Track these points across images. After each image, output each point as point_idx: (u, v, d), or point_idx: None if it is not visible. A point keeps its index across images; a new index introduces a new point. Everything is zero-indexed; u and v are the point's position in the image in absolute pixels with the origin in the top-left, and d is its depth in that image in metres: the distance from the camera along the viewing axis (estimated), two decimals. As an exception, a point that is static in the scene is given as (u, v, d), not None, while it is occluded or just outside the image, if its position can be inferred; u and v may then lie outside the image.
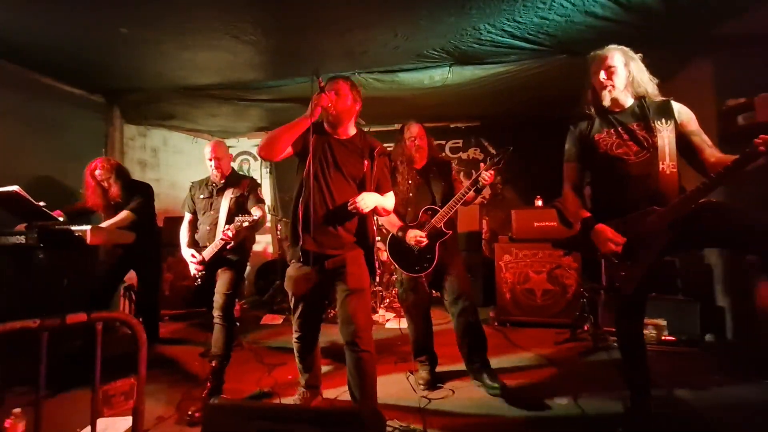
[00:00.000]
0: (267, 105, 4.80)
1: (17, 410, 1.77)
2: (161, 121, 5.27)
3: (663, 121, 1.78)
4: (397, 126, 5.96)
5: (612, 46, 1.89)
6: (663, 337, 3.23)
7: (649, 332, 3.24)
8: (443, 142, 5.84)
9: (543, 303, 3.87)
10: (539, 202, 4.25)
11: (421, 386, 2.53)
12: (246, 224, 2.35)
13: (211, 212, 2.60)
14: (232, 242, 2.43)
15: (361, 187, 2.00)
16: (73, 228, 2.63)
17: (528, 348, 3.18)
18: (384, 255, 4.92)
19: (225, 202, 2.55)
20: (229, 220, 2.47)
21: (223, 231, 2.41)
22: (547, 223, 3.98)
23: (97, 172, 3.05)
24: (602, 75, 1.85)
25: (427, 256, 2.46)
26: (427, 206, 2.52)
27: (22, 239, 2.57)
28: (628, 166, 1.81)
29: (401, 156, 2.61)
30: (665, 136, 1.76)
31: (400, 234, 2.50)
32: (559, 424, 2.11)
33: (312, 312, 2.13)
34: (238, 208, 2.56)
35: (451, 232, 2.48)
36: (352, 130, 2.08)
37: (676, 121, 1.79)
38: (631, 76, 1.84)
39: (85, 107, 4.41)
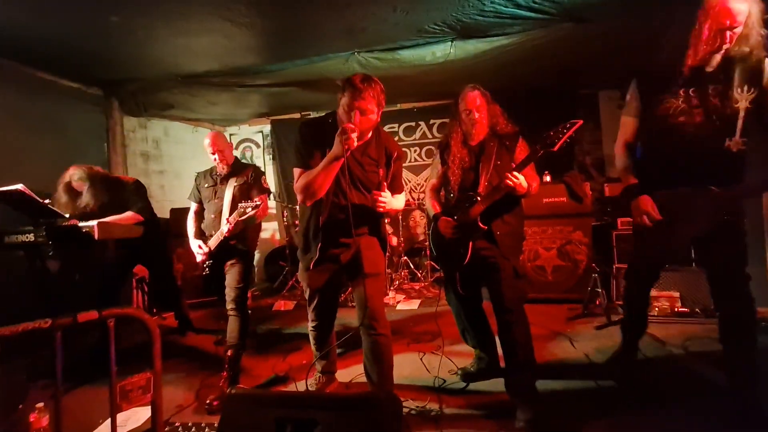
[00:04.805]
0: (267, 90, 4.71)
1: (40, 405, 1.80)
2: (161, 112, 5.22)
3: (745, 88, 1.49)
4: (400, 106, 5.94)
5: None
6: (676, 309, 3.21)
7: (662, 304, 3.23)
8: (447, 120, 5.72)
9: (554, 279, 3.85)
10: (547, 178, 4.17)
11: (457, 371, 2.44)
12: (249, 210, 2.34)
13: (216, 200, 2.62)
14: (232, 230, 2.43)
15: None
16: (81, 224, 2.63)
17: (540, 324, 3.18)
18: (394, 240, 4.90)
19: (229, 191, 2.56)
20: (233, 209, 2.47)
21: (227, 219, 2.44)
22: (556, 199, 3.92)
23: (75, 176, 2.93)
24: (728, 34, 1.41)
25: (460, 252, 2.08)
26: (468, 193, 2.10)
27: (31, 237, 2.58)
28: (690, 136, 1.57)
29: (454, 133, 2.23)
30: (742, 107, 1.49)
31: (434, 223, 2.22)
32: (573, 395, 2.11)
33: (328, 301, 2.13)
34: (242, 196, 2.56)
35: (486, 227, 2.02)
36: (369, 134, 1.95)
37: (762, 88, 1.47)
38: (745, 30, 1.44)
39: (84, 101, 4.37)
